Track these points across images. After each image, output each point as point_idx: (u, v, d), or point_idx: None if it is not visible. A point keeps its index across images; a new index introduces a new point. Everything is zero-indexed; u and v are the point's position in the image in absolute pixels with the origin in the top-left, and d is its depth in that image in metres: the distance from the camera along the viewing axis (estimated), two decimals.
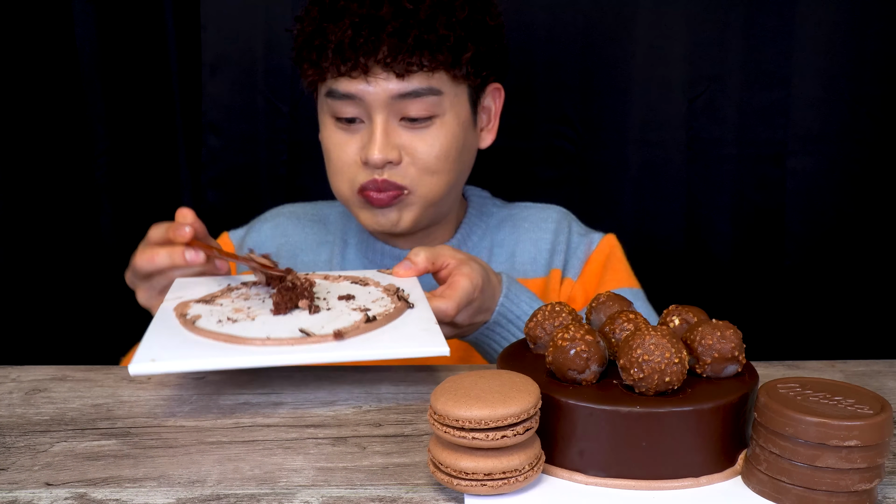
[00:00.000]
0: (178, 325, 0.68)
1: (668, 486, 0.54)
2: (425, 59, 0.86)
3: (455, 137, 0.91)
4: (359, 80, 0.87)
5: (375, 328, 0.67)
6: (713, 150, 1.27)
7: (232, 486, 0.55)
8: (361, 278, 0.80)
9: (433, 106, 0.89)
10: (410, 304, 0.72)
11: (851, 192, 1.26)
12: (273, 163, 1.31)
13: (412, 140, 0.90)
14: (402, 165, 0.90)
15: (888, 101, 1.23)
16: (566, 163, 1.29)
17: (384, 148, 0.88)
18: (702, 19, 1.23)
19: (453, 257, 0.81)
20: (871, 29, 1.21)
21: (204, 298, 0.74)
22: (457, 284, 0.78)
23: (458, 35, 0.88)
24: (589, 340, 0.56)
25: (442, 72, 0.88)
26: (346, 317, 0.69)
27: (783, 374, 0.75)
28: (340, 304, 0.72)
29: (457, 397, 0.52)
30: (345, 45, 0.86)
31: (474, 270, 0.79)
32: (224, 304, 0.73)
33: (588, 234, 1.05)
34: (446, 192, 0.94)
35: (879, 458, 0.50)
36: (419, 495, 0.54)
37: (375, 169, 0.89)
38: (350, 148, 0.91)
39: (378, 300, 0.74)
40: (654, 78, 1.25)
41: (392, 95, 0.87)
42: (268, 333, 0.65)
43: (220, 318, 0.69)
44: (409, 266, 0.80)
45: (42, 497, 0.53)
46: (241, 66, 1.28)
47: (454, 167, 0.93)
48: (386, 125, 0.88)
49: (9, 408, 0.68)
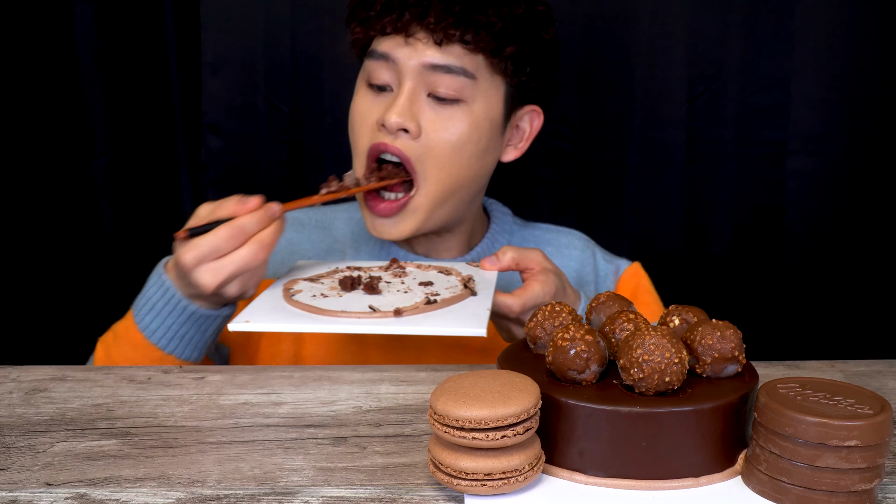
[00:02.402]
0: (279, 296, 0.79)
1: (668, 486, 0.54)
2: (468, 34, 0.87)
3: (478, 129, 0.90)
4: (399, 39, 0.88)
5: (433, 309, 0.75)
6: (713, 150, 1.27)
7: (232, 486, 0.55)
8: (447, 268, 0.89)
9: (464, 88, 0.88)
10: (474, 293, 0.79)
11: (851, 192, 1.26)
12: (273, 163, 1.31)
13: (433, 119, 0.89)
14: (418, 141, 0.89)
15: (888, 101, 1.23)
16: (566, 163, 1.29)
17: (404, 112, 0.87)
18: (702, 19, 1.23)
19: (539, 263, 0.84)
20: (871, 29, 1.21)
21: (311, 277, 0.85)
22: (530, 287, 0.82)
23: (508, 27, 0.88)
24: (589, 340, 0.56)
25: (480, 56, 0.89)
26: (414, 299, 0.78)
27: (783, 374, 0.75)
28: (418, 289, 0.81)
29: (457, 397, 0.52)
30: (394, 2, 0.87)
31: (549, 279, 0.83)
32: (325, 283, 0.83)
33: (613, 261, 1.05)
34: (454, 190, 0.92)
35: (879, 458, 0.50)
36: (419, 495, 0.54)
37: (390, 134, 0.89)
38: (372, 112, 0.91)
39: (451, 287, 0.82)
40: (654, 78, 1.25)
41: (426, 64, 0.87)
42: (343, 307, 0.75)
43: (315, 293, 0.79)
44: (494, 261, 0.85)
45: (42, 497, 0.53)
46: (241, 66, 1.28)
47: (468, 163, 0.91)
48: (412, 93, 0.88)
49: (9, 408, 0.68)
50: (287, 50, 1.27)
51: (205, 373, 0.75)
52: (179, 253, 0.78)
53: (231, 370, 0.76)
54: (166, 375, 0.75)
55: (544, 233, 1.06)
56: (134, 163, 1.31)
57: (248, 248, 0.78)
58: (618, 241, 1.23)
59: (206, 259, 0.77)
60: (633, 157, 1.28)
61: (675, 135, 1.27)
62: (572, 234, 1.07)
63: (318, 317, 0.74)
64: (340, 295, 0.79)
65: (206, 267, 0.77)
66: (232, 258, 0.77)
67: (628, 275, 1.03)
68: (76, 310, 1.26)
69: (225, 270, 0.77)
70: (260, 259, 0.78)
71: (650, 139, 1.27)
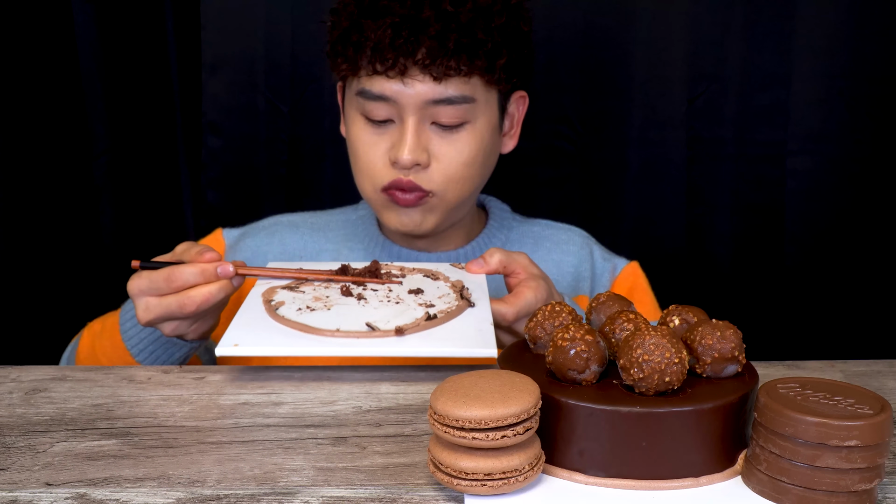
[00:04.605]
0: (263, 311, 0.76)
1: (668, 486, 0.54)
2: (463, 63, 0.86)
3: (484, 144, 0.92)
4: (394, 80, 0.87)
5: (435, 325, 0.73)
6: (713, 150, 1.27)
7: (232, 486, 0.55)
8: (433, 272, 0.86)
9: (466, 113, 0.89)
10: (472, 304, 0.77)
11: (851, 192, 1.26)
12: (273, 163, 1.31)
13: (441, 145, 0.90)
14: (429, 170, 0.90)
15: (888, 101, 1.23)
16: (566, 163, 1.29)
17: (414, 150, 0.88)
18: (702, 19, 1.23)
19: (525, 269, 0.83)
20: (871, 29, 1.21)
21: (289, 285, 0.82)
22: (522, 294, 0.80)
23: (495, 41, 0.88)
24: (589, 340, 0.56)
25: (477, 77, 0.89)
26: (411, 312, 0.76)
27: (783, 374, 0.75)
28: (409, 298, 0.79)
29: (457, 397, 0.52)
30: (384, 44, 0.86)
31: (540, 286, 0.82)
32: (306, 292, 0.80)
33: (611, 259, 1.05)
34: (469, 196, 0.95)
35: (879, 458, 0.50)
36: (419, 495, 0.54)
37: (402, 169, 0.89)
38: (379, 148, 0.91)
39: (444, 296, 0.80)
40: (654, 78, 1.25)
41: (426, 100, 0.87)
42: (338, 325, 0.72)
43: (300, 306, 0.77)
44: (482, 264, 0.84)
45: (42, 497, 0.53)
46: (241, 66, 1.28)
47: (479, 172, 0.94)
48: (417, 127, 0.89)
49: (9, 408, 0.68)
50: (287, 50, 1.27)
51: (205, 373, 0.75)
52: (129, 281, 0.80)
53: (231, 370, 0.76)
54: (166, 375, 0.75)
55: (543, 228, 1.06)
56: (134, 163, 1.31)
57: (176, 298, 0.78)
58: (617, 241, 1.23)
59: (145, 294, 0.79)
60: (633, 157, 1.28)
61: (675, 135, 1.27)
62: (571, 231, 1.07)
63: (313, 337, 0.71)
64: (329, 307, 0.77)
65: (143, 301, 0.79)
66: (161, 301, 0.79)
67: (625, 273, 1.03)
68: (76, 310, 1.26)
69: (154, 311, 0.79)
70: (187, 311, 0.78)
71: (650, 139, 1.27)
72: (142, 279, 0.79)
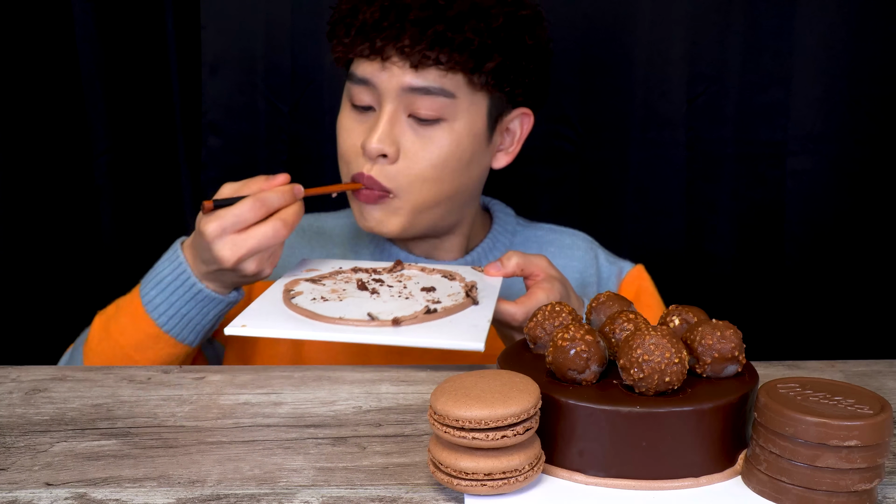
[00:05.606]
0: (279, 299, 0.78)
1: (668, 486, 0.54)
2: (443, 55, 0.86)
3: (460, 147, 0.90)
4: (375, 63, 0.87)
5: (432, 319, 0.74)
6: (713, 150, 1.27)
7: (232, 486, 0.55)
8: (452, 273, 0.87)
9: (443, 108, 0.88)
10: (476, 302, 0.78)
11: (851, 192, 1.26)
12: (273, 163, 1.31)
13: (413, 141, 0.89)
14: (396, 166, 0.89)
15: (888, 101, 1.23)
16: (566, 163, 1.29)
17: (384, 138, 0.87)
18: (702, 19, 1.23)
19: (543, 271, 0.83)
20: (871, 29, 1.21)
21: (312, 278, 0.84)
22: (534, 295, 0.80)
23: (485, 42, 0.87)
24: (589, 340, 0.56)
25: (459, 74, 0.88)
26: (415, 306, 0.77)
27: (783, 374, 0.75)
28: (419, 295, 0.81)
29: (457, 397, 0.52)
30: (368, 25, 0.86)
31: (554, 287, 0.81)
32: (326, 285, 0.83)
33: (616, 263, 1.04)
34: (438, 201, 0.92)
35: (879, 458, 0.50)
36: (419, 495, 0.54)
37: (369, 160, 0.89)
38: (356, 133, 0.91)
39: (453, 294, 0.80)
40: (654, 78, 1.25)
41: (404, 87, 0.87)
42: (342, 314, 0.74)
43: (315, 296, 0.79)
44: (499, 267, 0.84)
45: (42, 497, 0.53)
46: (241, 66, 1.28)
47: (452, 177, 0.91)
48: (392, 116, 0.88)
49: (9, 408, 0.68)
50: (287, 50, 1.27)
51: (205, 373, 0.75)
52: (203, 223, 0.78)
53: (231, 370, 0.76)
54: (166, 375, 0.75)
55: (547, 233, 1.06)
56: (134, 163, 1.31)
57: (271, 224, 0.78)
58: (617, 241, 1.23)
59: (228, 231, 0.78)
60: (633, 157, 1.28)
61: (675, 135, 1.27)
62: (576, 235, 1.06)
63: (316, 323, 0.73)
64: (341, 298, 0.78)
65: (228, 239, 0.78)
66: (253, 232, 0.78)
67: (631, 277, 1.03)
68: (76, 310, 1.26)
69: (245, 245, 0.78)
70: (281, 236, 0.79)
71: (650, 139, 1.27)
72: (221, 218, 0.77)
